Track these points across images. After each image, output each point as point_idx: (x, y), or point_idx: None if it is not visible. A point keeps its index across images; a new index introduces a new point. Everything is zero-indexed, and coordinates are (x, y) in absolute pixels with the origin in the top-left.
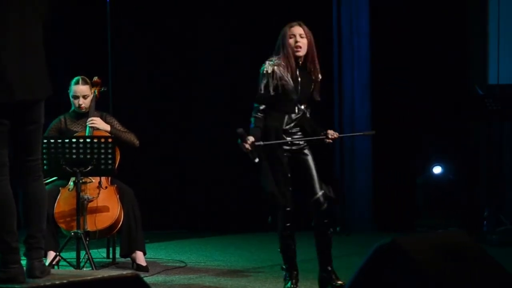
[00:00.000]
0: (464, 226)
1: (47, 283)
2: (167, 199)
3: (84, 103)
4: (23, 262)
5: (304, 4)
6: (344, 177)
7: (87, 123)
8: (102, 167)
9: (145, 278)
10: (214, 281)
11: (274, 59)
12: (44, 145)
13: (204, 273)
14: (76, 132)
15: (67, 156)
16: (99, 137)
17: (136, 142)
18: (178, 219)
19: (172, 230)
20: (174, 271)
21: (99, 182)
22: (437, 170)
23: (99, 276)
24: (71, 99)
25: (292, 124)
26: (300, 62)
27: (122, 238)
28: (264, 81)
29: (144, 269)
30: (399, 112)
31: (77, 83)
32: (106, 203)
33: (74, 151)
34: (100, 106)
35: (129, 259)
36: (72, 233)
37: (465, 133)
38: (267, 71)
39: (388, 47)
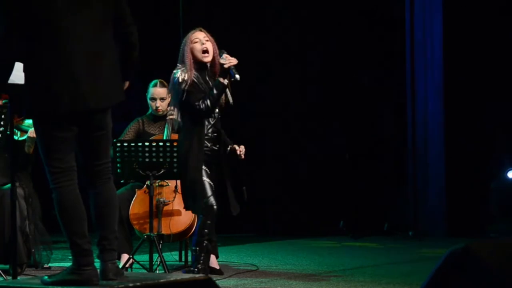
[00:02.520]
0: None
1: (121, 286)
2: (239, 203)
3: (161, 105)
4: (97, 264)
5: (377, 7)
6: (417, 182)
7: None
8: (175, 170)
9: (217, 281)
10: (285, 285)
11: (182, 68)
12: (117, 149)
13: (276, 276)
14: (154, 134)
15: (140, 159)
16: (172, 141)
17: None
18: (250, 223)
19: (244, 234)
20: (246, 275)
21: (175, 186)
22: (511, 174)
23: (172, 279)
24: (149, 101)
25: (210, 130)
26: (207, 67)
27: None
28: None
29: (218, 272)
30: (473, 115)
31: (155, 85)
32: (181, 207)
33: (147, 154)
34: None
35: None
36: (145, 236)
37: None
38: (183, 78)
39: (462, 49)
